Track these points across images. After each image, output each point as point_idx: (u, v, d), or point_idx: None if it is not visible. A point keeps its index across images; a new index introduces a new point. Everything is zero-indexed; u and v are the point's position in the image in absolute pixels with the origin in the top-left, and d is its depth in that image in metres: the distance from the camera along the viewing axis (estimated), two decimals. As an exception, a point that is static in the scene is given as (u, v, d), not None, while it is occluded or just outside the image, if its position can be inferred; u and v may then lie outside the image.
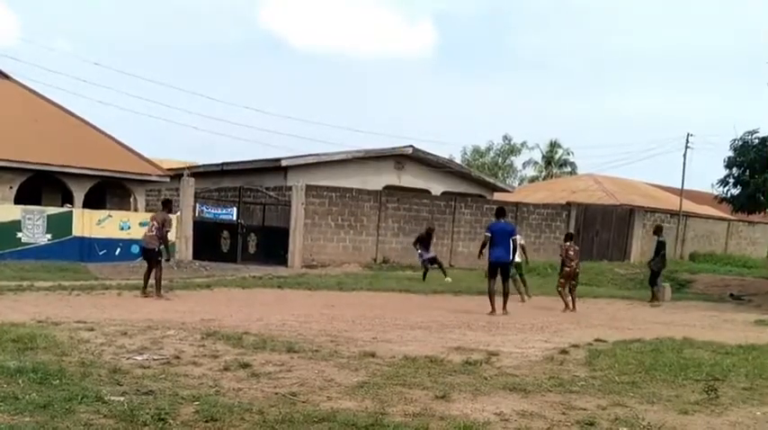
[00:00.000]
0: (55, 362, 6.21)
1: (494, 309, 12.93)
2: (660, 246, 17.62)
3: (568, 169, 57.07)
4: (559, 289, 14.96)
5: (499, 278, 13.24)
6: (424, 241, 20.61)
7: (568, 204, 30.57)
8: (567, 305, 14.61)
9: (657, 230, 18.20)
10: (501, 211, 14.00)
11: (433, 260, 20.56)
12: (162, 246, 13.91)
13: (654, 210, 33.17)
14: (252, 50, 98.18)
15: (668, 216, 33.33)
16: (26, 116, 24.44)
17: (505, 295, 13.25)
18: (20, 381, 5.41)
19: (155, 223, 13.92)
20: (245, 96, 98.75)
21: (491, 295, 13.09)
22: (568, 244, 15.50)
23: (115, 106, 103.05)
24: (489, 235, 13.34)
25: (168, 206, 14.68)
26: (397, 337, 9.25)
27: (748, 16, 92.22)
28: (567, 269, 15.00)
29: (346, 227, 24.84)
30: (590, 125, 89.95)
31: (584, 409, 5.60)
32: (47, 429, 4.29)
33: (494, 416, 5.26)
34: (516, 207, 28.29)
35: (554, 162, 57.88)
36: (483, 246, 13.83)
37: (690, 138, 35.28)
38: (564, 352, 8.43)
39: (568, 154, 57.57)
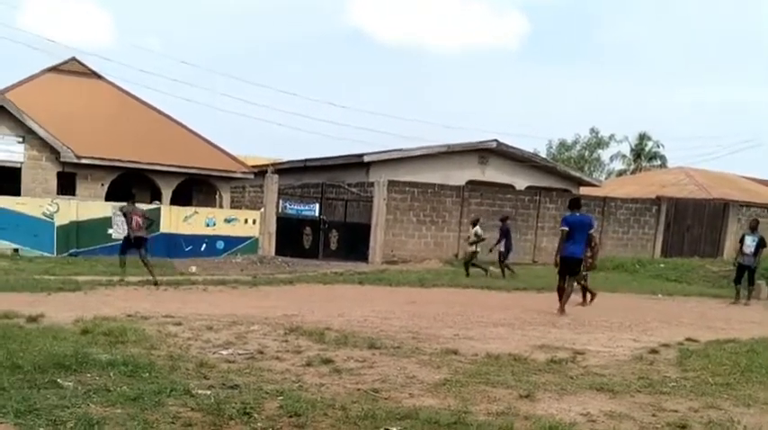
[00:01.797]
0: (144, 356, 6.38)
1: (562, 309, 12.00)
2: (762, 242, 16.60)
3: (658, 162, 55.33)
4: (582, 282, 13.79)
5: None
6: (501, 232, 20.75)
7: (658, 199, 29.64)
8: (586, 298, 13.84)
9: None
10: (576, 202, 12.83)
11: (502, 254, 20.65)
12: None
13: (750, 205, 31.79)
14: (335, 45, 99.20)
15: (765, 211, 31.90)
16: (117, 115, 25.39)
17: (567, 295, 12.21)
18: (111, 374, 5.58)
19: (137, 218, 14.91)
20: (328, 92, 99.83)
21: (560, 293, 12.20)
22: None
23: (202, 104, 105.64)
24: (567, 229, 12.15)
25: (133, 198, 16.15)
26: (479, 334, 9.15)
27: None
28: (591, 260, 13.80)
29: (428, 222, 24.77)
30: (681, 116, 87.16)
31: (676, 411, 5.40)
32: (137, 421, 4.39)
33: (580, 416, 5.12)
34: (603, 201, 27.63)
35: (643, 155, 56.19)
36: (562, 241, 12.29)
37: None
38: (654, 351, 8.16)
39: (658, 146, 55.79)
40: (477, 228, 19.75)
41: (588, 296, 13.96)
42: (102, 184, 22.98)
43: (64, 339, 6.97)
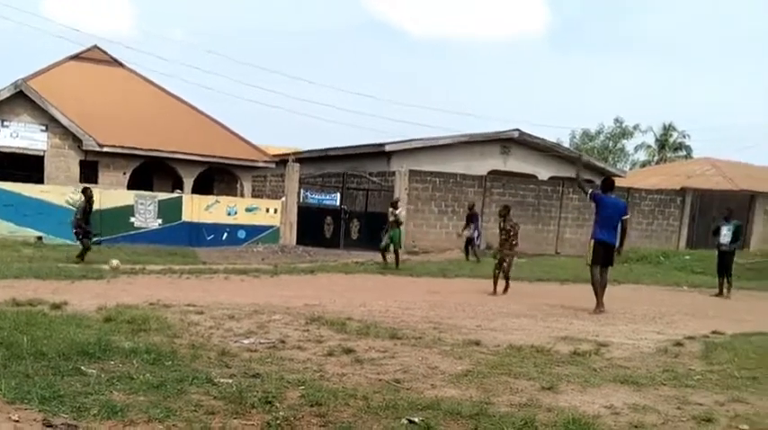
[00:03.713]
0: (167, 344, 6.40)
1: (601, 304, 10.93)
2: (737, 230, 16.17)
3: (683, 153, 54.72)
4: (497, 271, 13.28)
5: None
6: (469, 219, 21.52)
7: (683, 190, 29.35)
8: (498, 288, 13.20)
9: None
10: (611, 183, 11.50)
11: (470, 240, 21.22)
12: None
13: (777, 196, 31.38)
14: (360, 35, 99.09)
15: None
16: (139, 103, 25.54)
17: (604, 286, 11.13)
18: (134, 362, 5.59)
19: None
20: (351, 81, 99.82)
21: (597, 286, 11.02)
22: (515, 221, 13.91)
23: (224, 93, 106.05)
24: (588, 195, 11.09)
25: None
26: (501, 325, 9.09)
27: None
28: (515, 243, 13.53)
29: (449, 212, 24.71)
30: (708, 108, 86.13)
31: (701, 405, 5.32)
32: (160, 409, 4.40)
33: (604, 409, 5.06)
34: (627, 192, 27.38)
35: (668, 145, 55.59)
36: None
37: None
38: (678, 344, 8.06)
39: (684, 137, 55.15)
40: (401, 210, 19.16)
41: (504, 285, 13.30)
42: (125, 173, 23.16)
43: (87, 327, 7.01)
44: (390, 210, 18.66)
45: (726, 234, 15.93)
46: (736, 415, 5.07)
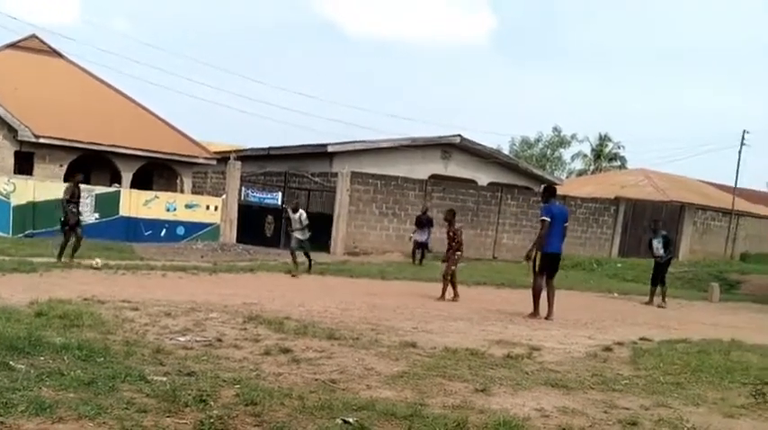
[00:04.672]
0: (100, 340, 6.29)
1: (537, 313, 11.07)
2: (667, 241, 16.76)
3: (618, 163, 56.25)
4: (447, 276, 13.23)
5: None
6: (419, 223, 21.50)
7: (617, 199, 30.11)
8: (455, 293, 13.19)
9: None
10: (553, 190, 11.57)
11: (423, 245, 21.26)
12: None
13: (705, 208, 32.51)
14: (304, 35, 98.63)
15: (720, 214, 32.64)
16: (78, 95, 24.96)
17: (553, 295, 11.23)
18: (65, 358, 5.49)
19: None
20: (295, 81, 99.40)
21: (538, 294, 11.14)
22: (460, 225, 14.06)
23: (165, 87, 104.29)
24: (549, 219, 10.91)
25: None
26: (438, 328, 9.20)
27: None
28: (460, 253, 13.55)
29: (390, 215, 24.83)
30: (642, 119, 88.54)
31: (627, 409, 5.49)
32: (90, 406, 4.32)
33: (534, 411, 5.18)
34: (563, 200, 27.85)
35: (603, 155, 57.11)
36: (543, 236, 11.02)
37: (746, 135, 34.52)
38: (608, 349, 8.29)
39: (619, 147, 56.83)
40: (301, 212, 17.64)
41: (452, 292, 13.26)
42: (61, 165, 22.59)
43: (17, 321, 6.83)
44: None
45: (657, 247, 16.40)
46: (660, 419, 5.23)
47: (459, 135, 28.44)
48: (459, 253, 13.55)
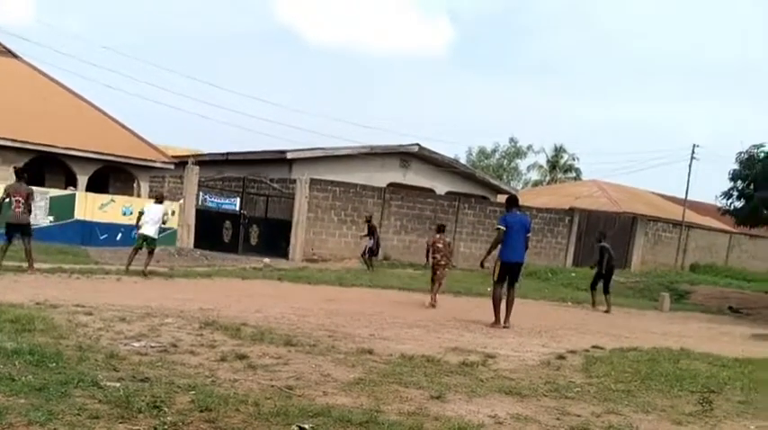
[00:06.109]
0: (52, 345, 6.19)
1: (498, 321, 11.26)
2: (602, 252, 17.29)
3: (573, 175, 57.13)
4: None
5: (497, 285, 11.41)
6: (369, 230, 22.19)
7: (571, 210, 30.55)
8: (432, 300, 13.91)
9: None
10: (515, 200, 11.82)
11: (370, 251, 22.02)
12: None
13: (656, 220, 33.16)
14: (264, 42, 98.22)
15: (670, 226, 33.31)
16: (32, 96, 24.45)
17: (511, 303, 11.43)
18: (16, 363, 5.40)
19: (20, 199, 13.61)
20: (254, 87, 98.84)
21: (498, 303, 11.32)
22: (438, 236, 14.58)
23: (123, 91, 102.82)
24: (504, 228, 11.11)
25: (23, 177, 14.34)
26: (394, 335, 9.25)
27: (761, 26, 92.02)
28: (433, 262, 14.29)
29: (349, 222, 24.85)
30: (596, 131, 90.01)
31: (579, 416, 5.59)
32: (41, 412, 4.27)
33: (488, 418, 5.25)
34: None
35: (559, 167, 57.98)
36: (496, 244, 11.38)
37: (696, 149, 35.33)
38: (561, 357, 8.43)
39: (574, 159, 57.77)
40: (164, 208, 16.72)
41: (432, 298, 14.03)
42: (14, 167, 22.07)
43: (-34, 326, 6.71)
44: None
45: (596, 257, 17.29)
46: (610, 426, 5.35)
47: (418, 144, 28.64)
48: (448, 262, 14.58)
